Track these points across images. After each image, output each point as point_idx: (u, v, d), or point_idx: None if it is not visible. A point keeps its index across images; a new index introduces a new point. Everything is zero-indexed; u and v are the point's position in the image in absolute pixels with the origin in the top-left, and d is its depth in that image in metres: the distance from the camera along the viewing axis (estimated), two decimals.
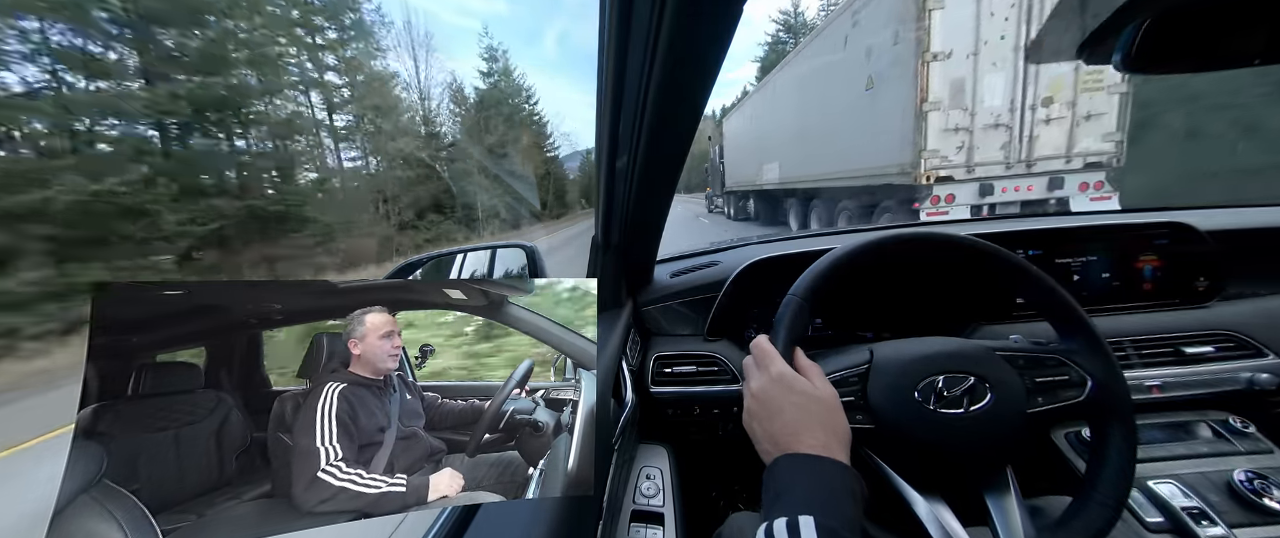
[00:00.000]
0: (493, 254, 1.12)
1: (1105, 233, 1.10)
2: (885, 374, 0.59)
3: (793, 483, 0.43)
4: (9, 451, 3.24)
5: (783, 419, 0.48)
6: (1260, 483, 0.75)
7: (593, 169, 0.89)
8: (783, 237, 1.46)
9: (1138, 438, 0.57)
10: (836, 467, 0.44)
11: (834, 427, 0.48)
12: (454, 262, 1.08)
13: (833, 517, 0.39)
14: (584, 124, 55.55)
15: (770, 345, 0.55)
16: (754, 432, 0.51)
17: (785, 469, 0.45)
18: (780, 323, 0.59)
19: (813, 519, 0.38)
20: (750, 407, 0.52)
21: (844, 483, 0.43)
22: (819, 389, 0.51)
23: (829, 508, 0.40)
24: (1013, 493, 0.57)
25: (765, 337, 0.57)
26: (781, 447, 0.46)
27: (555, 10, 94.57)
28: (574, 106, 70.41)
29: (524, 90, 33.04)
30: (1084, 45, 0.51)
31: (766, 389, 0.51)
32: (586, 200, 40.20)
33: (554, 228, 25.45)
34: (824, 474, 0.43)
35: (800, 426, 0.47)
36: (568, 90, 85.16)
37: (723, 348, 1.10)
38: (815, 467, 0.44)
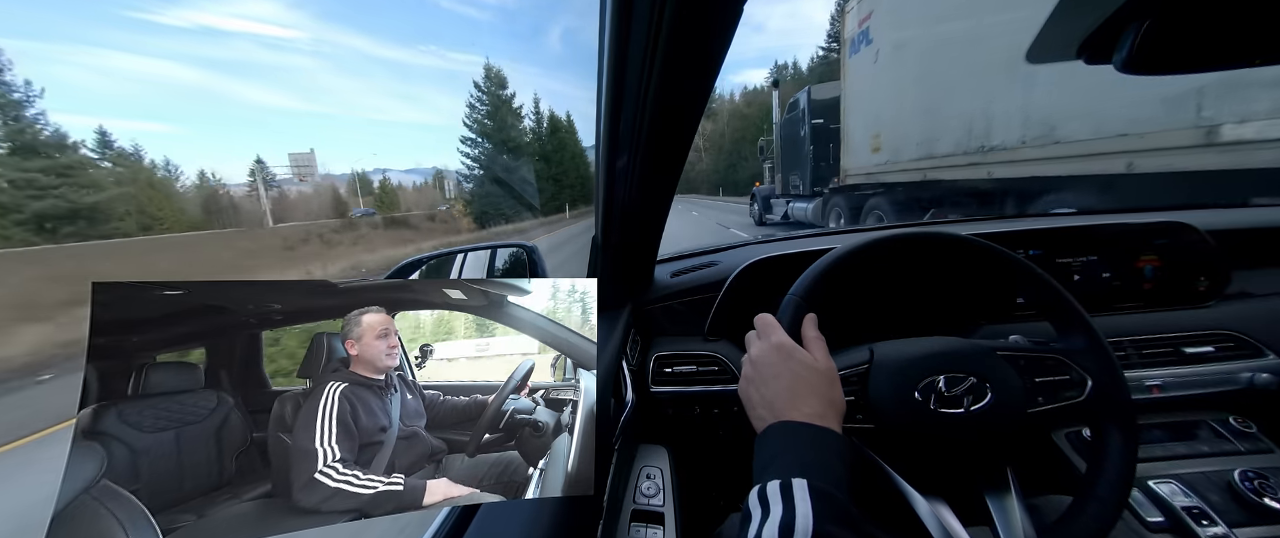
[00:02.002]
0: (493, 254, 1.12)
1: (1105, 233, 1.10)
2: (886, 374, 0.59)
3: (786, 448, 0.43)
4: None
5: (778, 386, 0.48)
6: (1260, 483, 0.75)
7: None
8: (784, 236, 1.46)
9: (1139, 438, 0.57)
10: (830, 434, 0.44)
11: (830, 398, 0.48)
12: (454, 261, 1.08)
13: (825, 480, 0.39)
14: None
15: (773, 318, 0.56)
16: (749, 397, 0.51)
17: (779, 435, 0.45)
18: (784, 310, 0.60)
19: (806, 481, 0.38)
20: (747, 372, 0.52)
21: (837, 449, 0.43)
22: (818, 361, 0.51)
23: (822, 471, 0.40)
24: (1013, 493, 0.57)
25: (771, 314, 0.57)
26: (776, 413, 0.46)
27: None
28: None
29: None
30: (1084, 45, 0.51)
31: (765, 355, 0.51)
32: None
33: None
34: (817, 440, 0.44)
35: (796, 394, 0.47)
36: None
37: (723, 348, 1.10)
38: (809, 434, 0.44)
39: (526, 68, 77.86)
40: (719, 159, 40.60)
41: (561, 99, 78.92)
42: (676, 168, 0.75)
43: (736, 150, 36.76)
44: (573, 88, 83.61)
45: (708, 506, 1.15)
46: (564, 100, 78.27)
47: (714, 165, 40.27)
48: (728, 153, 37.57)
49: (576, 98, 72.90)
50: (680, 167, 0.75)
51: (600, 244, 0.99)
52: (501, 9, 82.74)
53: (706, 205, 24.65)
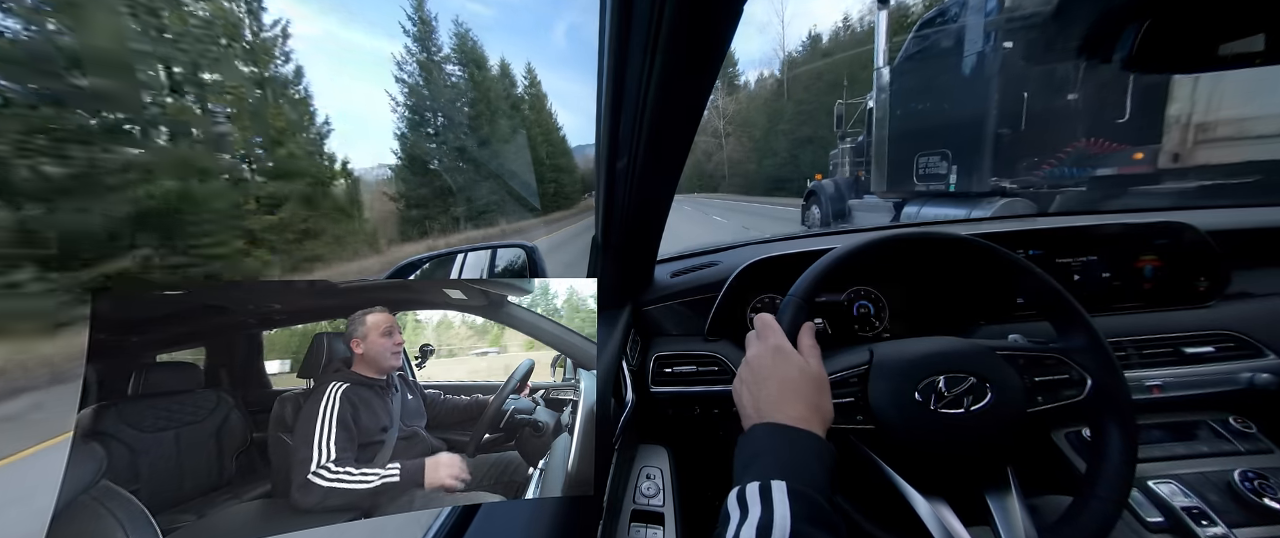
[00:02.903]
0: (493, 254, 1.12)
1: (1105, 233, 1.10)
2: (886, 375, 0.59)
3: (766, 449, 0.44)
4: None
5: (768, 388, 0.49)
6: (1260, 483, 0.75)
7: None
8: (784, 236, 1.46)
9: (1139, 436, 0.57)
10: (811, 437, 0.44)
11: (818, 404, 0.48)
12: (454, 261, 1.08)
13: (804, 482, 0.39)
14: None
15: (774, 320, 0.56)
16: (741, 398, 0.52)
17: (760, 436, 0.45)
18: (784, 312, 0.60)
19: (784, 483, 0.38)
20: (742, 373, 0.53)
21: (816, 452, 0.43)
22: (811, 367, 0.51)
23: (801, 474, 0.40)
24: (1014, 492, 0.57)
25: (771, 315, 0.57)
26: (763, 414, 0.47)
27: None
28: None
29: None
30: (1084, 45, 0.51)
31: (761, 357, 0.52)
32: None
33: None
34: (797, 443, 0.44)
35: (784, 397, 0.48)
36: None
37: (723, 348, 1.10)
38: (790, 436, 0.44)
39: (526, 63, 76.53)
40: (758, 151, 34.47)
41: (560, 97, 78.11)
42: (677, 168, 0.75)
43: (767, 143, 33.40)
44: (572, 84, 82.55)
45: (708, 506, 1.14)
46: (563, 97, 77.56)
47: (757, 159, 33.75)
48: (757, 146, 34.19)
49: (576, 94, 71.67)
50: (680, 167, 0.75)
51: (600, 244, 0.99)
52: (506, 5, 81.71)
53: (738, 208, 21.10)
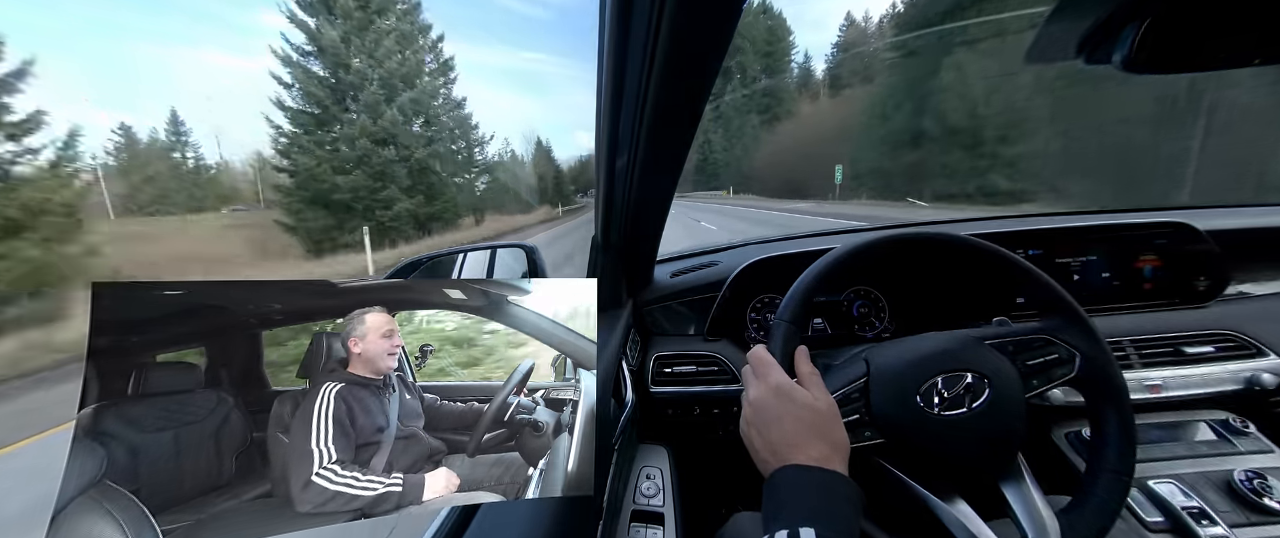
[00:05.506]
0: (493, 254, 1.12)
1: (1105, 233, 1.10)
2: (886, 385, 0.59)
3: (794, 495, 0.43)
4: None
5: (781, 429, 0.48)
6: (1260, 483, 0.75)
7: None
8: (784, 236, 1.46)
9: (1131, 403, 0.59)
10: (836, 478, 0.44)
11: (833, 438, 0.48)
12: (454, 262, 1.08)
13: (833, 528, 0.39)
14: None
15: (768, 355, 0.55)
16: (752, 441, 0.51)
17: (786, 481, 0.45)
18: (775, 338, 0.59)
19: (814, 531, 0.38)
20: (748, 415, 0.52)
21: (844, 494, 0.43)
22: (818, 400, 0.50)
23: (830, 520, 0.40)
24: (1028, 480, 0.57)
25: (763, 347, 0.57)
26: (780, 458, 0.46)
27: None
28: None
29: None
30: (1084, 45, 0.51)
31: (764, 398, 0.51)
32: None
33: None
34: (825, 485, 0.43)
35: (799, 436, 0.47)
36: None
37: (722, 348, 1.10)
38: (816, 478, 0.44)
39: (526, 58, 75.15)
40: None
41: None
42: (676, 168, 0.75)
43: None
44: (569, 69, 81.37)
45: (708, 506, 1.15)
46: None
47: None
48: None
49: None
50: (680, 167, 0.75)
51: (600, 244, 0.99)
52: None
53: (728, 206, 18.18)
